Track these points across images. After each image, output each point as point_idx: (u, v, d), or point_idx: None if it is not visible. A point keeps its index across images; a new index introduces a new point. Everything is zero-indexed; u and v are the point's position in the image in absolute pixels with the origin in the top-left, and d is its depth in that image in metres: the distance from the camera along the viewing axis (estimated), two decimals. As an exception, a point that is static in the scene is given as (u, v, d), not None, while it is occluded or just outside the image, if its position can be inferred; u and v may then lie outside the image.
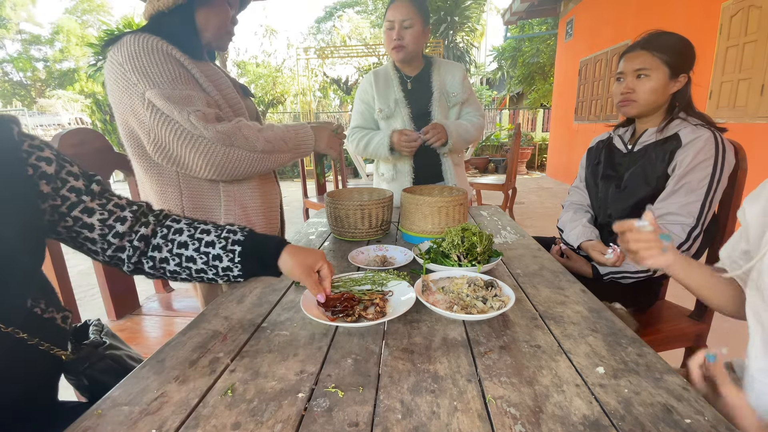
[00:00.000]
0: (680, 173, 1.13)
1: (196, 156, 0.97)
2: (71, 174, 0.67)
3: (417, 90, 1.73)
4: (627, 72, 1.22)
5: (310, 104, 10.21)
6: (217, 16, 1.09)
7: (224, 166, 1.01)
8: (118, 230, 0.69)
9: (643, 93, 1.20)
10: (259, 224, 1.16)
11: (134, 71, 0.93)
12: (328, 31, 21.07)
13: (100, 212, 0.68)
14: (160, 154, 0.98)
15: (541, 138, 9.75)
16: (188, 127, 0.94)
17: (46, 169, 0.62)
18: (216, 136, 0.97)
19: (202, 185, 1.08)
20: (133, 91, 0.94)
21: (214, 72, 1.11)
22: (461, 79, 1.73)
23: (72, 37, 22.67)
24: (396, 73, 1.74)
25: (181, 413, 0.53)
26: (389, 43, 1.65)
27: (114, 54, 0.96)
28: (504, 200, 3.83)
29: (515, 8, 7.73)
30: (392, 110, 1.72)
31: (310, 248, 0.79)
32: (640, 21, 4.92)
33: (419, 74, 1.75)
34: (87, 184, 0.68)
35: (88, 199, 0.67)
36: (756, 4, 3.13)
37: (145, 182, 1.07)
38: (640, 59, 1.19)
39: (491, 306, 0.77)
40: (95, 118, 8.43)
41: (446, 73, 1.73)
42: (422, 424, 0.50)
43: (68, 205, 0.66)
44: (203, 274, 0.75)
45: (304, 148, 1.19)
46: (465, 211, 1.27)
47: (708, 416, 0.51)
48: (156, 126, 0.94)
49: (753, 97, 3.20)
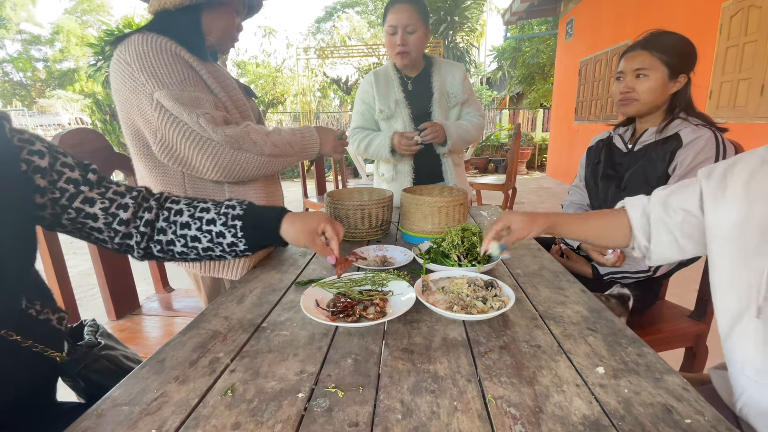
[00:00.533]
0: (680, 173, 1.13)
1: (204, 158, 0.97)
2: (66, 165, 0.66)
3: (417, 90, 1.73)
4: (626, 71, 1.22)
5: (310, 104, 10.21)
6: (223, 21, 1.08)
7: (232, 169, 1.01)
8: (122, 217, 0.70)
9: (642, 92, 1.20)
10: None
11: (142, 71, 0.93)
12: (328, 31, 21.07)
13: (100, 201, 0.68)
14: (167, 155, 0.98)
15: (541, 138, 9.75)
16: (197, 129, 0.95)
17: (39, 162, 0.62)
18: (225, 139, 0.97)
19: (207, 185, 1.08)
20: (140, 91, 0.93)
21: (222, 73, 1.11)
22: (461, 79, 1.73)
23: (72, 37, 22.66)
24: (396, 74, 1.74)
25: (181, 413, 0.53)
26: (392, 48, 1.63)
27: (121, 53, 0.95)
28: (504, 200, 3.83)
29: (515, 8, 7.73)
30: (393, 111, 1.71)
31: (311, 212, 0.79)
32: (640, 21, 4.92)
33: (419, 75, 1.74)
34: (83, 173, 0.68)
35: (87, 189, 0.67)
36: (756, 4, 3.13)
37: (149, 181, 1.07)
38: (639, 59, 1.19)
39: (491, 306, 0.77)
40: (95, 118, 8.43)
41: (446, 74, 1.73)
42: (422, 424, 0.50)
43: (68, 196, 0.65)
44: (211, 252, 0.75)
45: (309, 151, 1.20)
46: (465, 211, 1.27)
47: (708, 416, 0.51)
48: (164, 127, 0.94)
49: (753, 97, 3.20)
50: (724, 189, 0.66)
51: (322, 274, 1.02)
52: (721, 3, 3.53)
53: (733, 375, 0.69)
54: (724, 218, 0.66)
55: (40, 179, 0.62)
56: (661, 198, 0.78)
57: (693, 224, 0.73)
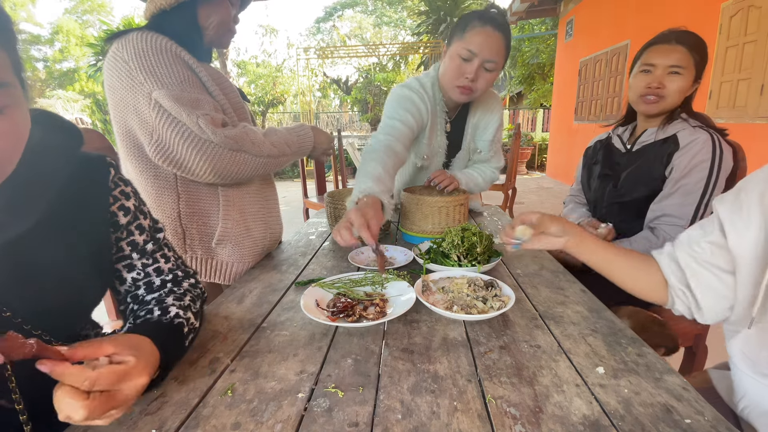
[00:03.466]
0: (677, 176, 1.13)
1: (200, 160, 0.95)
2: (139, 227, 0.68)
3: (452, 133, 1.46)
4: (659, 65, 1.12)
5: (310, 104, 10.21)
6: (219, 13, 1.07)
7: (229, 170, 0.99)
8: (138, 294, 0.69)
9: (673, 92, 1.12)
10: (257, 229, 1.14)
11: (141, 70, 0.91)
12: (328, 31, 21.07)
13: (137, 271, 0.69)
14: (162, 156, 0.96)
15: (541, 138, 9.75)
16: (196, 130, 0.93)
17: (120, 217, 0.65)
18: (224, 141, 0.95)
19: (200, 189, 1.06)
20: (138, 90, 0.92)
21: (220, 75, 1.11)
22: (494, 132, 1.46)
23: (72, 37, 22.65)
24: (443, 109, 1.40)
25: (181, 413, 0.53)
26: (457, 77, 1.26)
27: (118, 50, 0.93)
28: (504, 200, 3.83)
29: (515, 8, 7.72)
30: (432, 157, 1.44)
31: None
32: (640, 21, 4.92)
33: (457, 116, 1.45)
34: (147, 239, 0.69)
35: (137, 257, 0.69)
36: (756, 4, 3.13)
37: (139, 185, 1.05)
38: (676, 55, 1.09)
39: (491, 306, 0.77)
40: (95, 118, 8.44)
41: (480, 120, 1.46)
42: (422, 424, 0.50)
43: (119, 256, 0.67)
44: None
45: (305, 150, 1.20)
46: (465, 211, 1.27)
47: (708, 416, 0.51)
48: (161, 127, 0.92)
49: (753, 97, 3.20)
50: (739, 207, 0.64)
51: (322, 274, 1.02)
52: (720, 3, 3.53)
53: (736, 375, 0.69)
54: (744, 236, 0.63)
55: (113, 232, 0.66)
56: (684, 239, 0.72)
57: (721, 255, 0.66)
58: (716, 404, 0.65)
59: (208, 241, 1.08)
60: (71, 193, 0.58)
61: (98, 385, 0.43)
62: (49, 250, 0.55)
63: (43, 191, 0.53)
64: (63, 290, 0.56)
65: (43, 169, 0.53)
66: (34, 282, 0.53)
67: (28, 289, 0.53)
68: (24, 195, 0.51)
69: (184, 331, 0.62)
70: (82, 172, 0.61)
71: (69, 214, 0.58)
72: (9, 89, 0.44)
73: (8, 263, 0.51)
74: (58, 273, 0.56)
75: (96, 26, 22.67)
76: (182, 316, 0.63)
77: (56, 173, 0.55)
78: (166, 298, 0.66)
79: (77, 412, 0.41)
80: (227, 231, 1.07)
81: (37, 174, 0.52)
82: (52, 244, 0.56)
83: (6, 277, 0.51)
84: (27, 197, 0.51)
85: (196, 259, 1.08)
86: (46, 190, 0.54)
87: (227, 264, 1.09)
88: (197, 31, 1.06)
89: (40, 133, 0.50)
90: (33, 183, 0.52)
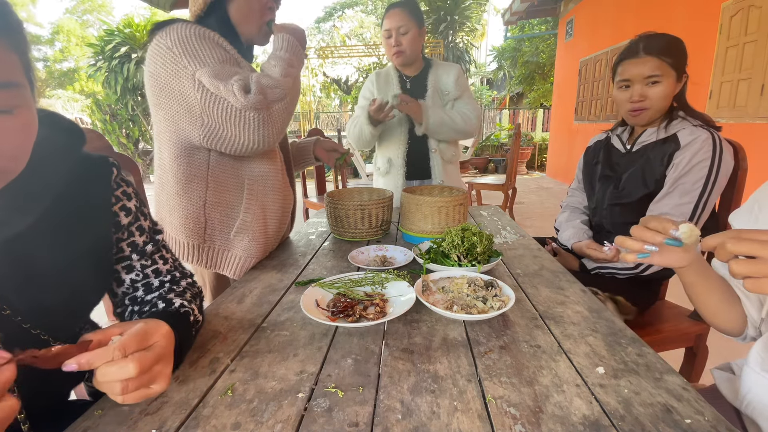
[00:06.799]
0: (676, 175, 1.13)
1: (245, 132, 0.93)
2: (139, 228, 0.69)
3: (414, 89, 1.81)
4: (635, 79, 1.16)
5: (310, 104, 10.21)
6: (247, 4, 1.06)
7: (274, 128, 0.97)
8: (136, 295, 0.69)
9: (656, 99, 1.15)
10: (272, 227, 1.17)
11: (185, 54, 0.92)
12: (328, 31, 21.06)
13: (136, 272, 0.69)
14: (213, 138, 0.95)
15: (541, 138, 9.74)
16: (232, 100, 0.90)
17: (122, 218, 0.65)
18: (256, 101, 0.92)
19: (228, 181, 1.08)
20: (183, 74, 0.92)
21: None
22: (455, 77, 1.79)
23: (72, 37, 22.65)
24: (396, 74, 1.84)
25: (181, 413, 0.53)
26: (389, 50, 1.75)
27: (162, 39, 0.94)
28: (504, 200, 3.84)
29: (515, 8, 7.73)
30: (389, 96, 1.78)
31: None
32: (640, 21, 4.92)
33: (418, 75, 1.83)
34: (146, 241, 0.70)
35: (137, 258, 0.69)
36: (756, 4, 3.13)
37: (169, 172, 1.05)
38: (649, 65, 1.13)
39: (491, 306, 0.77)
40: (95, 118, 8.43)
41: (442, 73, 1.81)
42: (422, 424, 0.50)
43: (119, 257, 0.67)
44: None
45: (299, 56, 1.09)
46: (465, 211, 1.27)
47: (708, 416, 0.51)
48: (207, 106, 0.92)
49: (753, 97, 3.20)
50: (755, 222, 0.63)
51: (322, 274, 1.02)
52: (721, 3, 3.52)
53: (745, 373, 0.69)
54: None
55: (114, 232, 0.66)
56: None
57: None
58: (717, 404, 0.65)
59: (228, 232, 1.10)
60: (74, 192, 0.58)
61: (129, 348, 0.44)
62: (50, 249, 0.55)
63: (45, 191, 0.54)
64: (63, 289, 0.56)
65: (46, 168, 0.53)
66: (35, 280, 0.54)
67: (28, 287, 0.53)
68: (27, 194, 0.51)
69: (190, 319, 0.63)
70: (85, 172, 0.61)
71: (71, 213, 0.58)
72: (20, 90, 0.44)
73: (9, 261, 0.51)
74: (58, 272, 0.56)
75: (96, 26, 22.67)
76: (187, 306, 0.65)
77: (59, 173, 0.55)
78: (168, 294, 0.67)
79: (127, 369, 0.43)
80: (247, 223, 1.09)
81: (40, 174, 0.52)
82: (54, 243, 0.56)
83: (6, 274, 0.51)
84: (30, 197, 0.52)
85: (213, 249, 1.10)
86: (49, 190, 0.54)
87: (240, 258, 1.11)
88: (232, 30, 1.07)
89: (44, 133, 0.50)
90: (36, 182, 0.52)
